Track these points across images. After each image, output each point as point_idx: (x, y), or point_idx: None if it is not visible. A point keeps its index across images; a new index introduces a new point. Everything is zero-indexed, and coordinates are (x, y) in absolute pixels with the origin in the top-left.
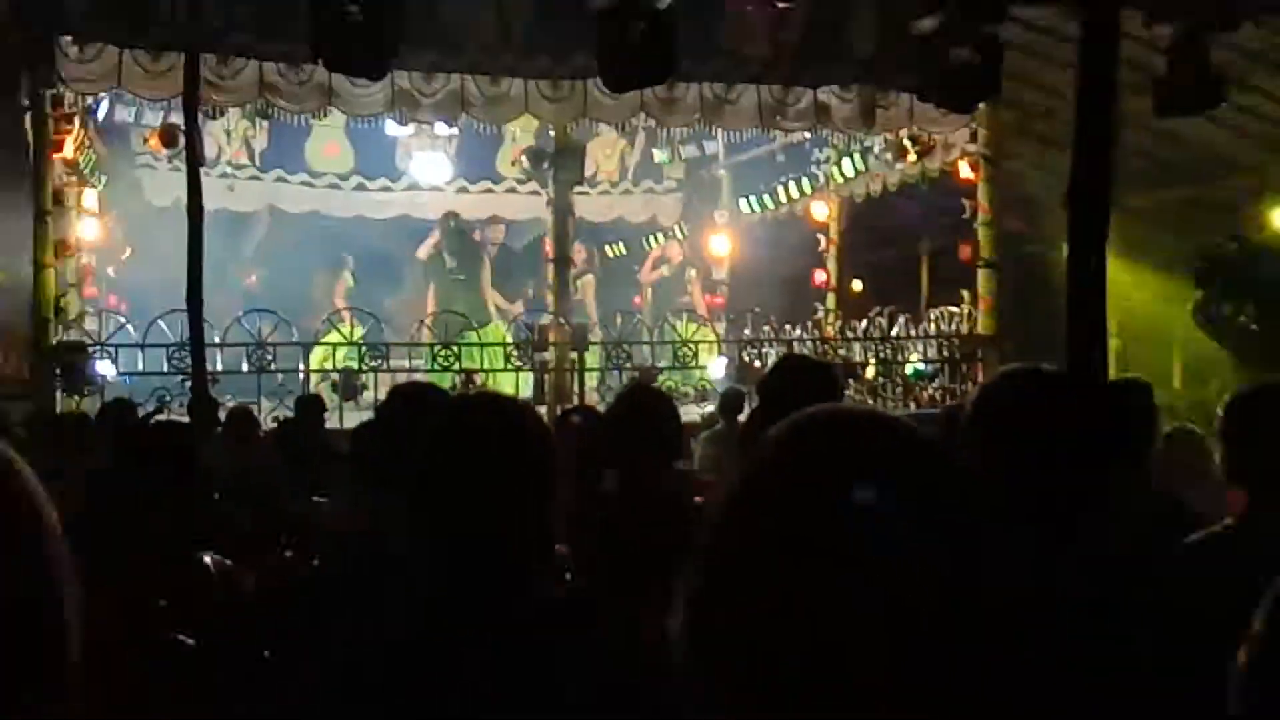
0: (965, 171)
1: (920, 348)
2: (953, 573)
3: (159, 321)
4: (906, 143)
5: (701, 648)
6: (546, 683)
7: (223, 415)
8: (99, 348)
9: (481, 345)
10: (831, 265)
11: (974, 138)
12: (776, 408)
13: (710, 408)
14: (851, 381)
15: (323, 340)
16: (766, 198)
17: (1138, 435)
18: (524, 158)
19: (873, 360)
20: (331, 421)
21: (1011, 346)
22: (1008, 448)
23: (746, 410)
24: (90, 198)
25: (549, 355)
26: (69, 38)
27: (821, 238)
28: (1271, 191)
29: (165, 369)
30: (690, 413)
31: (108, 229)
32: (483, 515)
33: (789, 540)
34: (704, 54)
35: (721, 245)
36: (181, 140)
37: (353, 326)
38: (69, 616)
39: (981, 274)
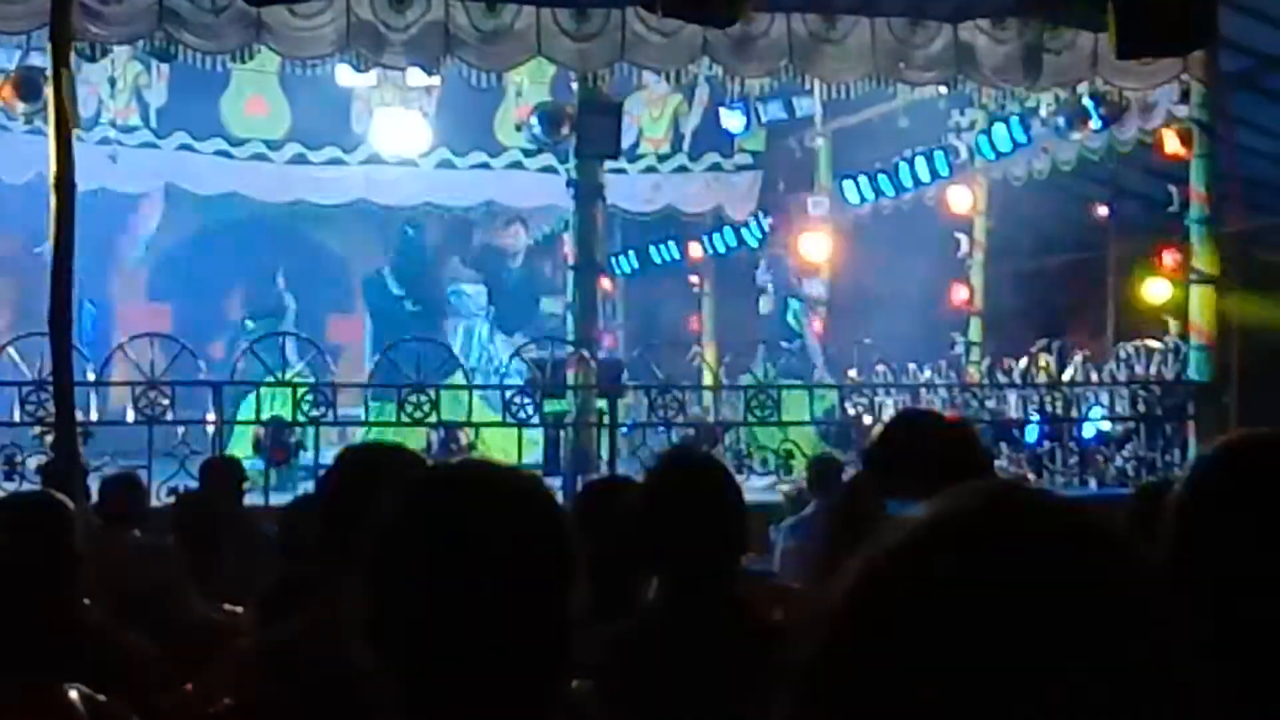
0: (1172, 144)
1: (1105, 399)
2: None
3: (9, 349)
4: (1087, 103)
5: None
6: None
7: (96, 484)
8: None
9: (470, 388)
10: (976, 278)
11: (1184, 97)
12: (892, 481)
13: (799, 482)
14: (1005, 447)
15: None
16: (883, 179)
17: None
18: (534, 120)
19: (1036, 416)
20: (253, 496)
21: (1238, 399)
22: (1237, 550)
23: None
24: None
25: (566, 404)
26: None
27: (962, 238)
28: None
29: (17, 417)
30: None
31: None
32: (468, 640)
33: (924, 678)
34: None
35: (818, 247)
36: (45, 91)
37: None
38: None
39: (1195, 293)
